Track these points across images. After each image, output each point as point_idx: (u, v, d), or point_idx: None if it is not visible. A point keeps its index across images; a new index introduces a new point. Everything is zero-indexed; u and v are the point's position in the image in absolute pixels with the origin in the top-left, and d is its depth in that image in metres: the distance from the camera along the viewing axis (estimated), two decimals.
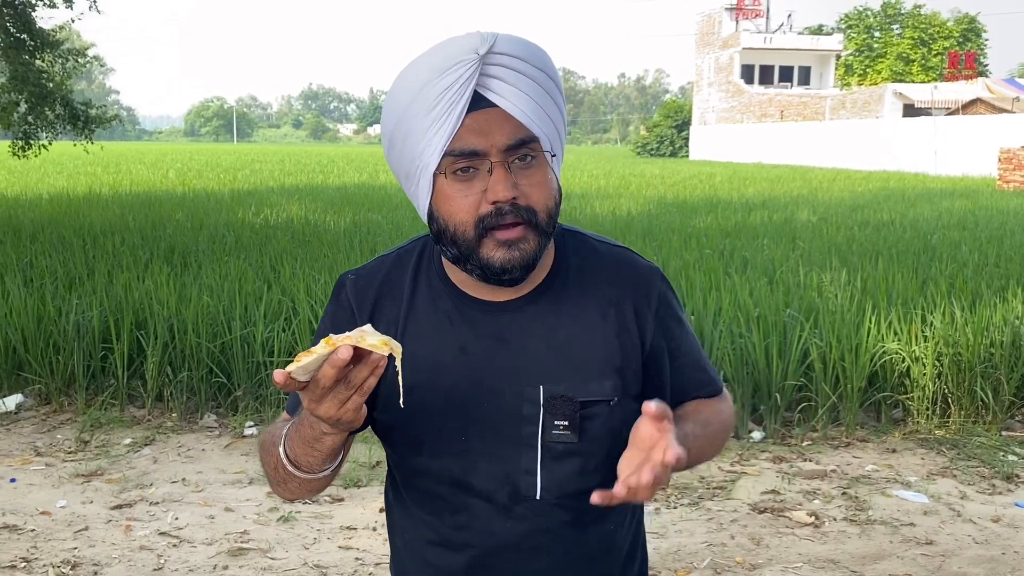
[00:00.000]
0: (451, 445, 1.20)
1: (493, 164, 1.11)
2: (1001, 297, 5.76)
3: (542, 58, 1.14)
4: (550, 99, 1.14)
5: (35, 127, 11.84)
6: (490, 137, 1.10)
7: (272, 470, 1.17)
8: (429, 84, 1.10)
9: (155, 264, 6.96)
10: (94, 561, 3.26)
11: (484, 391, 1.19)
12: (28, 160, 12.38)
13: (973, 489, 4.02)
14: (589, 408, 1.19)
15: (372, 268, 1.27)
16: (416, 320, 1.22)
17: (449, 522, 1.24)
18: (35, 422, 4.79)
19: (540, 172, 1.14)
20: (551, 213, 1.15)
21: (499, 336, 1.20)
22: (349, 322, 1.22)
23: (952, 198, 16.70)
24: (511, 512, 1.21)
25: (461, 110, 1.09)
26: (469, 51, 1.08)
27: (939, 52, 54.92)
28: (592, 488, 1.20)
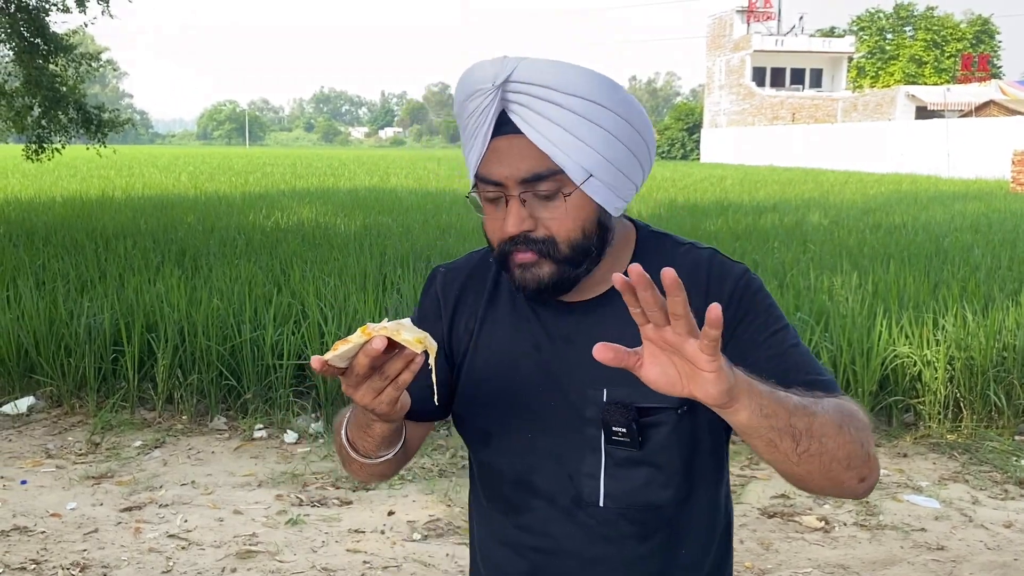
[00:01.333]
0: (517, 441, 1.21)
1: (508, 197, 1.12)
2: (1014, 301, 5.71)
3: (573, 82, 1.09)
4: (587, 123, 1.09)
5: (48, 131, 11.91)
6: (508, 166, 1.11)
7: (339, 450, 1.22)
8: (462, 106, 1.13)
9: (166, 267, 6.99)
10: (103, 563, 3.27)
11: (552, 390, 1.19)
12: (42, 163, 12.45)
13: (985, 494, 3.99)
14: (653, 416, 1.15)
15: (462, 263, 1.32)
16: (495, 315, 1.25)
17: (513, 522, 1.25)
18: (46, 424, 4.81)
19: (564, 204, 1.11)
20: (573, 244, 1.13)
21: (569, 336, 1.19)
22: (435, 313, 1.28)
23: (965, 201, 16.60)
24: (573, 517, 1.20)
25: (485, 136, 1.11)
26: (487, 80, 1.09)
27: (952, 54, 54.66)
28: (663, 502, 1.18)
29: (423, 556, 3.37)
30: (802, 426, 0.99)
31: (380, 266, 7.33)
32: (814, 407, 1.01)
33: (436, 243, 8.80)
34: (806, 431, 0.99)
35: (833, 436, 1.01)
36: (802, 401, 1.00)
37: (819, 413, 1.01)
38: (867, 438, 1.06)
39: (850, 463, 1.03)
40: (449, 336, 1.27)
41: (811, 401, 1.02)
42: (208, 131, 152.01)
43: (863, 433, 1.05)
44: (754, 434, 0.97)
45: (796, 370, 1.12)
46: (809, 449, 0.99)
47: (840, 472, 1.03)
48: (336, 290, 5.98)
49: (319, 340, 4.93)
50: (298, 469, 4.18)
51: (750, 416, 0.95)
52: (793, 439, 0.98)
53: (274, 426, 4.73)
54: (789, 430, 0.98)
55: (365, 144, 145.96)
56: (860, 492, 1.08)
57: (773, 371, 1.10)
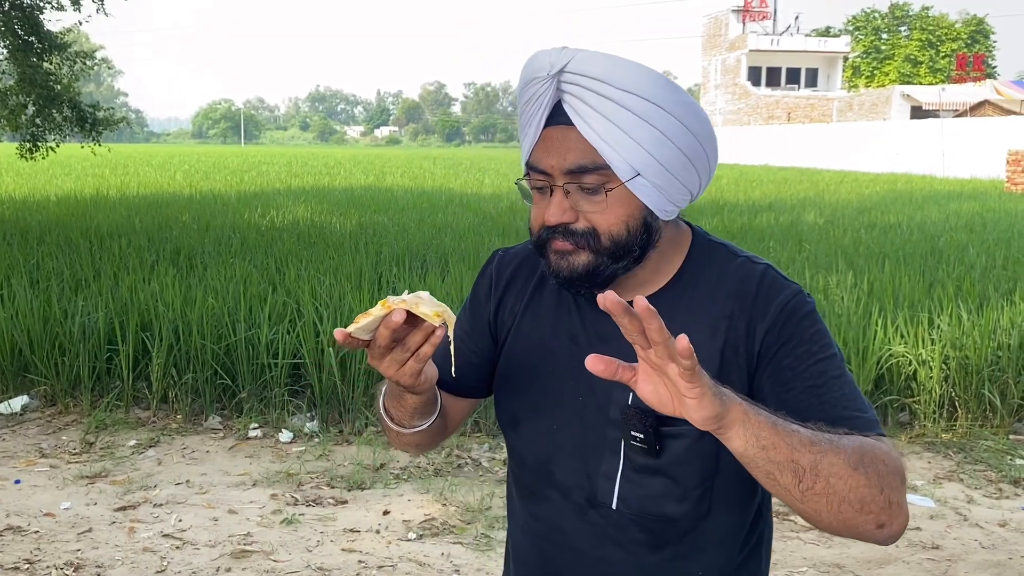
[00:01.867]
0: (542, 430, 1.23)
1: (553, 187, 1.13)
2: (1008, 300, 5.73)
3: (629, 78, 1.07)
4: (639, 122, 1.07)
5: (43, 129, 11.88)
6: (556, 156, 1.11)
7: (380, 421, 1.26)
8: (521, 92, 1.15)
9: (161, 266, 6.97)
10: (97, 563, 3.26)
11: (581, 385, 1.18)
12: (36, 162, 12.42)
13: (980, 493, 3.99)
14: (673, 426, 1.12)
15: (519, 248, 1.34)
16: (539, 302, 1.27)
17: (530, 509, 1.27)
18: (40, 424, 4.80)
19: (607, 199, 1.11)
20: (615, 239, 1.12)
21: (604, 335, 1.18)
22: (486, 293, 1.32)
23: (960, 200, 16.64)
24: (585, 515, 1.20)
25: (538, 124, 1.12)
26: (543, 68, 1.09)
27: (947, 54, 54.80)
28: (677, 516, 1.17)
29: (418, 556, 3.36)
30: (806, 463, 0.95)
31: (376, 265, 7.32)
32: (827, 445, 0.97)
33: (432, 242, 8.79)
34: (811, 468, 0.95)
35: (845, 477, 0.97)
36: (814, 436, 0.97)
37: (831, 452, 0.97)
38: (891, 483, 1.00)
39: (864, 507, 0.98)
40: (495, 317, 1.30)
41: (827, 438, 0.98)
42: (203, 130, 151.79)
43: (887, 479, 1.00)
44: (751, 464, 0.96)
45: (833, 404, 1.08)
46: (814, 488, 0.96)
47: (852, 515, 0.98)
48: (331, 289, 5.97)
49: (314, 339, 4.92)
50: (293, 468, 4.17)
51: (744, 445, 0.94)
52: (795, 475, 0.95)
53: (269, 425, 4.72)
54: (790, 465, 0.95)
55: (361, 143, 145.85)
56: (880, 538, 1.02)
57: (808, 402, 1.08)
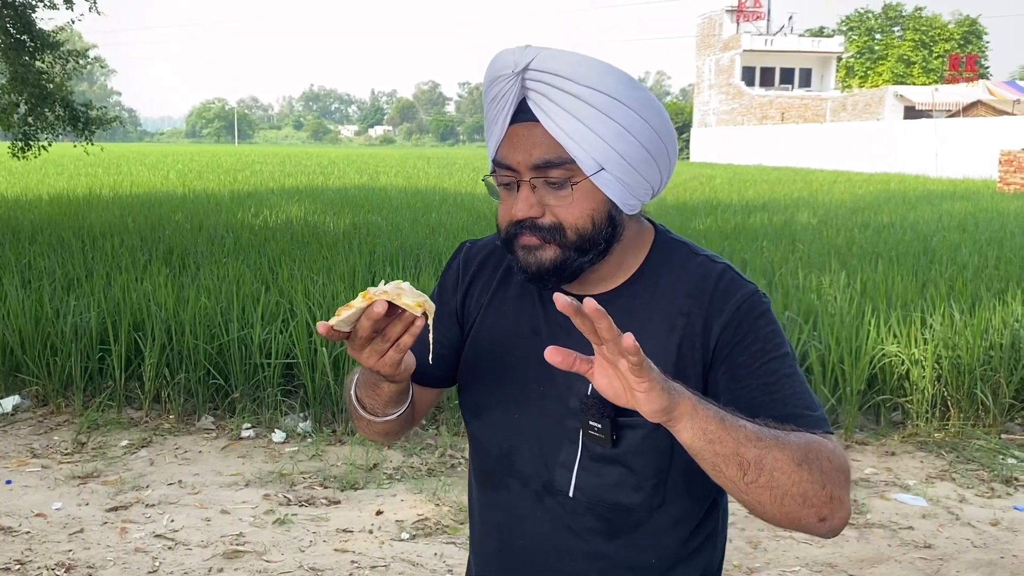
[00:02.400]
0: (503, 418, 1.25)
1: (520, 182, 1.15)
2: (1001, 300, 5.74)
3: (592, 75, 1.10)
4: (602, 117, 1.10)
5: (35, 128, 11.82)
6: (522, 153, 1.13)
7: (348, 408, 1.27)
8: (486, 90, 1.17)
9: (154, 266, 6.95)
10: (89, 564, 3.25)
11: (542, 376, 1.21)
12: (28, 161, 12.36)
13: (972, 492, 4.00)
14: (631, 417, 1.14)
15: (487, 240, 1.36)
16: (504, 293, 1.29)
17: (489, 497, 1.30)
18: (32, 424, 4.78)
19: (573, 194, 1.13)
20: (581, 233, 1.14)
21: (566, 327, 1.18)
22: (454, 283, 1.34)
23: (952, 200, 16.69)
24: (541, 502, 1.23)
25: (504, 121, 1.14)
26: (508, 66, 1.11)
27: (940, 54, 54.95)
28: (632, 505, 1.19)
29: (411, 556, 3.36)
30: (751, 457, 0.99)
31: (369, 264, 7.31)
32: (772, 440, 1.01)
33: (425, 241, 8.78)
34: (755, 462, 0.99)
35: (788, 472, 1.00)
36: (760, 432, 1.01)
37: (776, 447, 1.00)
38: (834, 480, 1.04)
39: (806, 501, 1.02)
40: (462, 307, 1.32)
41: (774, 434, 1.02)
42: (197, 129, 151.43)
43: (831, 475, 1.04)
44: (698, 455, 1.00)
45: (784, 401, 1.11)
46: (758, 481, 1.00)
47: (794, 508, 1.02)
48: (324, 288, 5.95)
49: (307, 339, 4.91)
50: (286, 468, 4.17)
51: (692, 438, 0.98)
52: (740, 468, 0.99)
53: (262, 425, 4.71)
54: (735, 458, 0.99)
55: (355, 142, 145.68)
56: (822, 531, 1.06)
57: (760, 399, 1.11)
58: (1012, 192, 20.14)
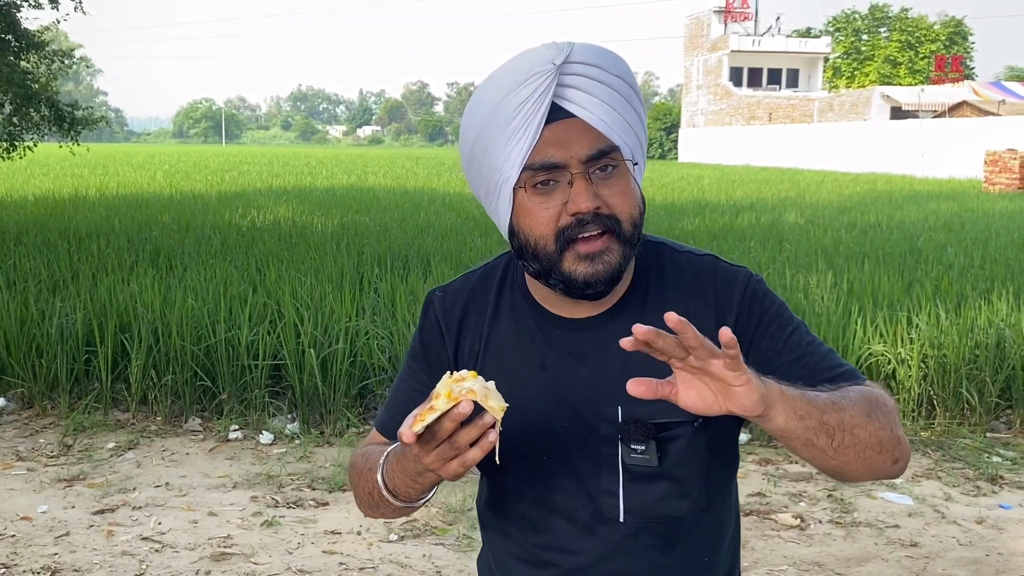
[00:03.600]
0: (532, 463, 1.19)
1: (573, 176, 1.10)
2: (986, 299, 5.78)
3: (619, 65, 1.12)
4: (629, 107, 1.13)
5: (20, 128, 11.76)
6: (569, 148, 1.09)
7: (365, 494, 1.19)
8: (507, 97, 1.09)
9: (140, 267, 6.92)
10: (75, 567, 3.23)
11: (563, 409, 1.17)
12: (13, 162, 12.29)
13: (958, 491, 4.03)
14: (670, 430, 1.15)
15: (458, 285, 1.29)
16: (499, 335, 1.23)
17: (533, 540, 1.23)
18: (17, 426, 4.75)
19: (622, 181, 1.12)
20: (635, 222, 1.13)
21: (577, 354, 1.18)
22: (438, 338, 1.26)
23: (938, 200, 16.79)
24: (594, 533, 1.19)
25: (539, 122, 1.09)
26: (545, 62, 1.08)
27: (926, 55, 55.26)
28: (682, 513, 1.18)
29: (399, 557, 3.35)
30: (834, 421, 1.02)
31: (357, 265, 7.29)
32: (842, 401, 1.05)
33: (414, 242, 8.77)
34: (838, 426, 1.03)
35: (864, 426, 1.05)
36: (831, 397, 1.04)
37: (848, 406, 1.04)
38: (895, 421, 1.10)
39: (883, 448, 1.07)
40: (455, 360, 1.26)
41: (839, 395, 1.06)
42: (184, 129, 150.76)
43: (890, 417, 1.09)
44: (791, 436, 1.01)
45: (819, 368, 1.15)
46: (844, 442, 1.03)
47: (874, 458, 1.07)
48: (312, 289, 5.94)
49: (295, 340, 4.90)
50: (273, 470, 4.15)
51: (786, 420, 0.99)
52: (828, 435, 1.02)
53: (249, 427, 4.69)
54: (823, 427, 1.02)
55: (343, 143, 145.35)
56: (895, 473, 1.11)
57: (798, 373, 1.13)
58: (997, 192, 20.28)
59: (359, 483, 1.21)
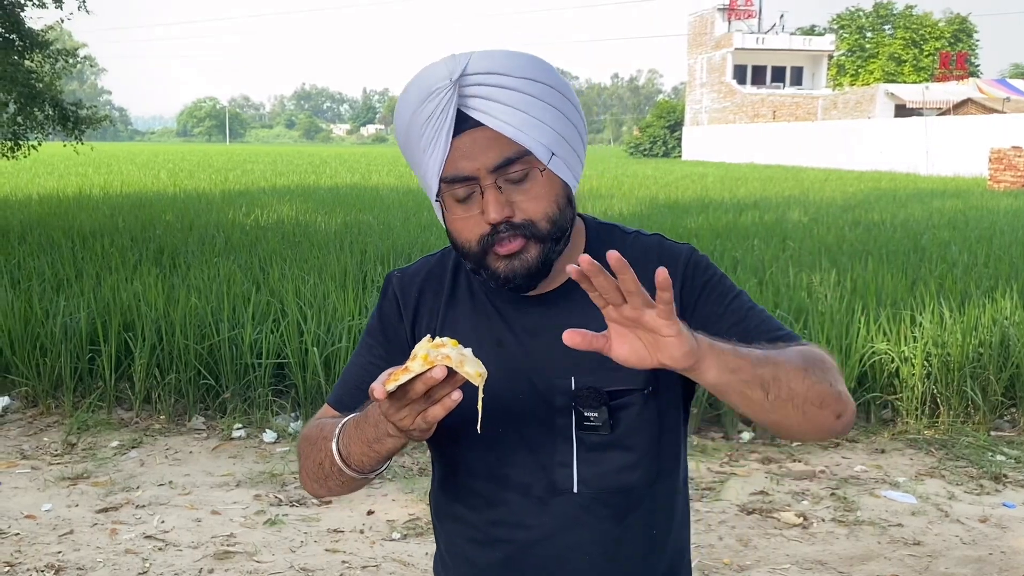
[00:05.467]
0: (486, 436, 1.21)
1: (484, 187, 1.13)
2: (990, 297, 5.76)
3: (524, 66, 1.14)
4: (542, 105, 1.14)
5: (24, 128, 11.77)
6: (477, 159, 1.12)
7: (315, 464, 1.20)
8: (415, 114, 1.13)
9: (144, 266, 6.93)
10: (79, 565, 3.24)
11: (519, 383, 1.20)
12: (18, 161, 12.31)
13: (961, 489, 4.02)
14: (621, 398, 1.19)
15: (417, 266, 1.33)
16: (455, 314, 1.27)
17: (486, 516, 1.25)
18: (21, 425, 4.76)
19: (536, 184, 1.14)
20: (553, 220, 1.16)
21: (532, 330, 1.22)
22: (396, 316, 1.30)
23: (943, 198, 16.75)
24: (547, 506, 1.21)
25: (447, 136, 1.12)
26: (442, 78, 1.11)
27: (930, 53, 55.09)
28: (634, 484, 1.22)
29: (402, 555, 3.36)
30: (768, 375, 1.05)
31: (360, 264, 7.30)
32: (777, 357, 1.08)
33: (417, 240, 8.77)
34: (773, 379, 1.05)
35: (799, 379, 1.07)
36: (765, 353, 1.07)
37: (782, 361, 1.07)
38: (835, 377, 1.12)
39: (823, 402, 1.09)
40: (412, 336, 1.28)
41: (774, 352, 1.08)
42: (188, 128, 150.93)
43: (830, 373, 1.12)
44: (726, 389, 1.03)
45: (758, 331, 1.18)
46: (780, 395, 1.06)
47: (815, 413, 1.09)
48: (315, 288, 5.95)
49: (298, 339, 4.90)
50: (277, 469, 4.16)
51: (718, 373, 1.02)
52: (762, 388, 1.04)
53: (253, 425, 4.70)
54: (757, 380, 1.04)
55: (347, 141, 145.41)
56: (839, 428, 1.13)
57: (739, 337, 1.16)
58: (1002, 190, 20.22)
59: (309, 453, 1.22)
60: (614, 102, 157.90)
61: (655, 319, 0.96)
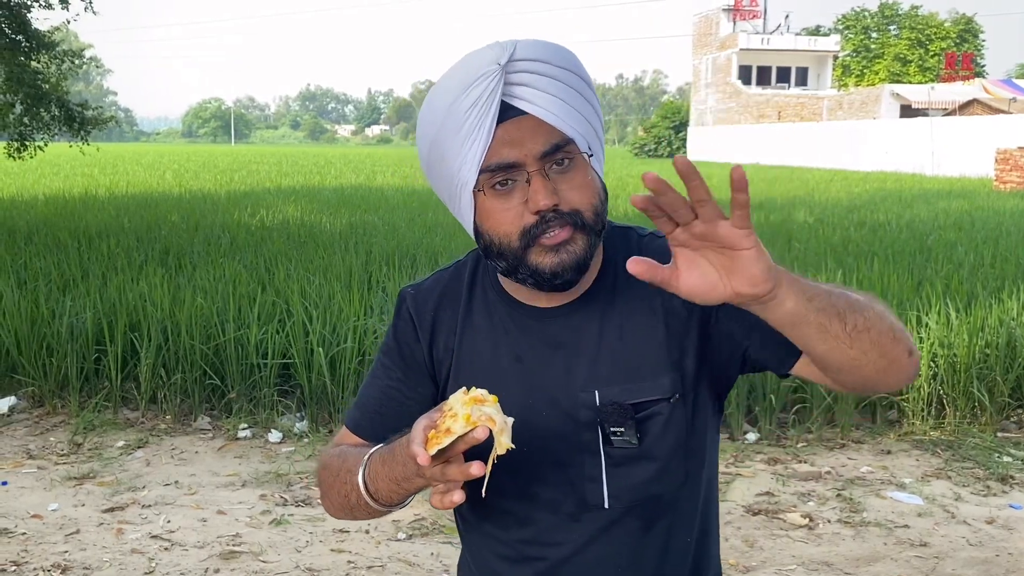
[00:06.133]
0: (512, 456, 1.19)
1: (530, 174, 1.09)
2: (996, 298, 5.75)
3: (566, 57, 1.13)
4: (581, 98, 1.13)
5: (31, 128, 11.82)
6: (523, 147, 1.09)
7: (340, 496, 1.18)
8: (456, 102, 1.09)
9: (150, 266, 6.94)
10: (85, 565, 3.25)
11: (541, 399, 1.18)
12: (24, 161, 12.36)
13: (968, 491, 4.01)
14: (647, 408, 1.16)
15: (431, 283, 1.29)
16: (472, 330, 1.23)
17: (516, 535, 1.23)
18: (28, 424, 4.77)
19: (580, 173, 1.12)
20: (597, 211, 1.13)
21: (553, 343, 1.19)
22: (412, 336, 1.25)
23: (948, 199, 16.71)
24: (578, 522, 1.19)
25: (490, 124, 1.08)
26: (490, 63, 1.08)
27: (936, 53, 54.98)
28: (664, 493, 1.19)
29: (408, 555, 3.36)
30: (842, 304, 0.99)
31: (365, 264, 7.30)
32: (844, 289, 1.02)
33: (422, 241, 8.77)
34: (848, 308, 0.99)
35: (871, 309, 1.01)
36: (831, 285, 1.01)
37: (850, 292, 1.02)
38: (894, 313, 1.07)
39: (895, 334, 1.03)
40: (431, 358, 1.25)
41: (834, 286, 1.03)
42: (193, 129, 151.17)
43: (890, 310, 1.06)
44: (802, 321, 0.97)
45: None
46: (857, 324, 0.99)
47: (891, 345, 1.02)
48: (321, 288, 5.95)
49: (304, 339, 4.91)
50: (282, 469, 4.16)
51: (796, 301, 0.95)
52: (839, 318, 0.98)
53: (258, 425, 4.71)
54: (833, 309, 0.98)
55: (352, 142, 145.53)
56: (911, 368, 1.07)
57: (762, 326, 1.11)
58: (1008, 190, 20.17)
59: (333, 484, 1.20)
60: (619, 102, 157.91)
61: (730, 230, 0.90)
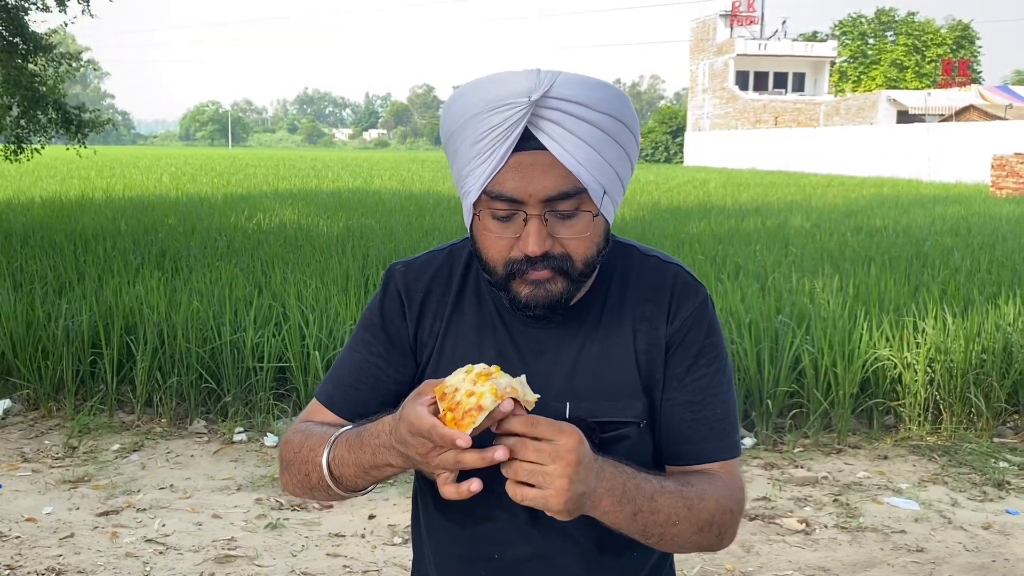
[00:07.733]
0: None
1: (529, 216, 1.07)
2: (993, 304, 5.76)
3: (609, 102, 1.07)
4: (614, 144, 1.09)
5: (28, 131, 11.82)
6: (531, 184, 1.06)
7: (301, 475, 1.17)
8: (478, 116, 1.06)
9: (146, 269, 6.93)
10: (79, 568, 3.23)
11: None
12: (21, 164, 12.35)
13: (964, 496, 4.01)
14: (617, 429, 1.16)
15: (423, 261, 1.27)
16: (460, 320, 1.22)
17: (472, 533, 1.23)
18: (23, 428, 4.76)
19: (582, 223, 1.09)
20: (589, 262, 1.12)
21: (535, 348, 1.19)
22: (399, 315, 1.23)
23: (945, 204, 16.74)
24: (533, 526, 1.20)
25: (505, 151, 1.05)
26: (522, 93, 1.03)
27: (933, 59, 55.13)
28: None
29: (403, 560, 3.35)
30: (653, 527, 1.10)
31: (362, 268, 7.30)
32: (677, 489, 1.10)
33: (419, 245, 8.77)
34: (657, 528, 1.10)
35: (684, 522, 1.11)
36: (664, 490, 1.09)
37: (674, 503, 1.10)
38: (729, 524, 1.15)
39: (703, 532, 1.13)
40: (415, 337, 1.24)
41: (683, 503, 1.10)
42: (190, 132, 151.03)
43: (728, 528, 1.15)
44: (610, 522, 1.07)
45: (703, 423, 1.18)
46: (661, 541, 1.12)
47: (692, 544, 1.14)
48: (317, 292, 5.94)
49: (300, 343, 4.90)
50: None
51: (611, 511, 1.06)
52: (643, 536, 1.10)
53: (254, 429, 4.70)
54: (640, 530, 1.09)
55: (349, 146, 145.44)
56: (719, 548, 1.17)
57: (683, 416, 1.18)
58: (1004, 196, 20.21)
59: (293, 461, 1.19)
60: None
61: None
